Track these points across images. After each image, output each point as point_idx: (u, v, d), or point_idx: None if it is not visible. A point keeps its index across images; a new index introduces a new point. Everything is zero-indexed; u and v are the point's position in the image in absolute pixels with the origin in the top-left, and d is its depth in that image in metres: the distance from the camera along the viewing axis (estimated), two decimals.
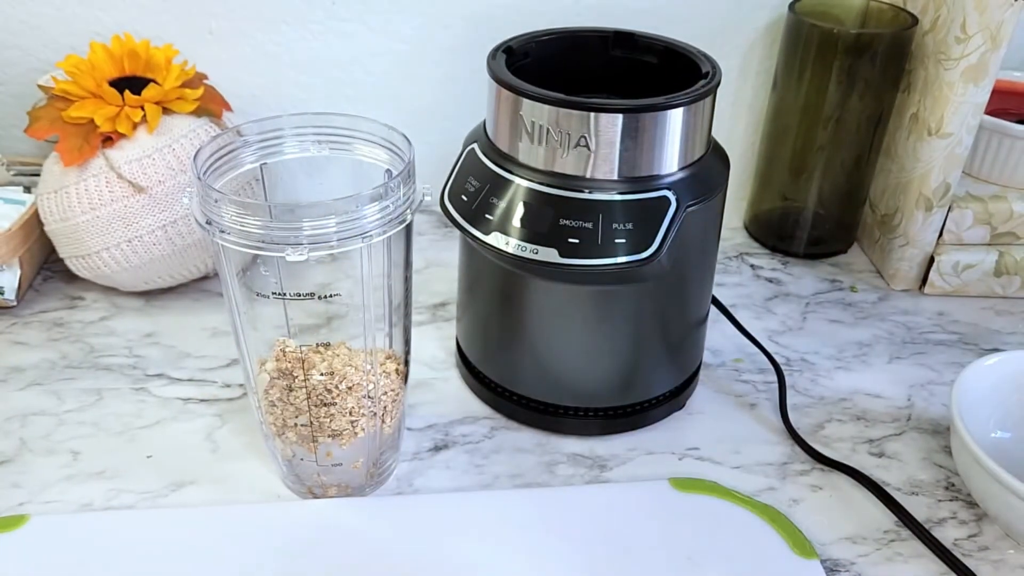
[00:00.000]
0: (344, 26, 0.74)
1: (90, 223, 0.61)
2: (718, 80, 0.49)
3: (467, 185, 0.51)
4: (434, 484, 0.53)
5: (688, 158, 0.49)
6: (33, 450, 0.54)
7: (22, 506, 0.50)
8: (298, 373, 0.46)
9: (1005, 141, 0.70)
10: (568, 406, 0.56)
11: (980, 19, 0.61)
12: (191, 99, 0.64)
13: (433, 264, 0.74)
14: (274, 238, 0.40)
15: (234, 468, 0.53)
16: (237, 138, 0.46)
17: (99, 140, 0.62)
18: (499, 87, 0.49)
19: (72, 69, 0.62)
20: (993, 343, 0.67)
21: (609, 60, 0.56)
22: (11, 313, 0.66)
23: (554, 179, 0.48)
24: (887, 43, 0.67)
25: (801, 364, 0.64)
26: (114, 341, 0.64)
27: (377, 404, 0.48)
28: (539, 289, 0.52)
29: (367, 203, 0.41)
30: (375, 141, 0.47)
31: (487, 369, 0.58)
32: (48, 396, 0.58)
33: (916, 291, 0.73)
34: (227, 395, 0.59)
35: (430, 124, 0.79)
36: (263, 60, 0.75)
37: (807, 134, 0.72)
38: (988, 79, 0.63)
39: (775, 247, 0.78)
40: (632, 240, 0.47)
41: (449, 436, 0.56)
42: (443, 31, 0.75)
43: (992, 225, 0.69)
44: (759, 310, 0.70)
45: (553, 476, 0.54)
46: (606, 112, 0.46)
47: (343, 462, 0.49)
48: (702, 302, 0.57)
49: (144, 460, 0.54)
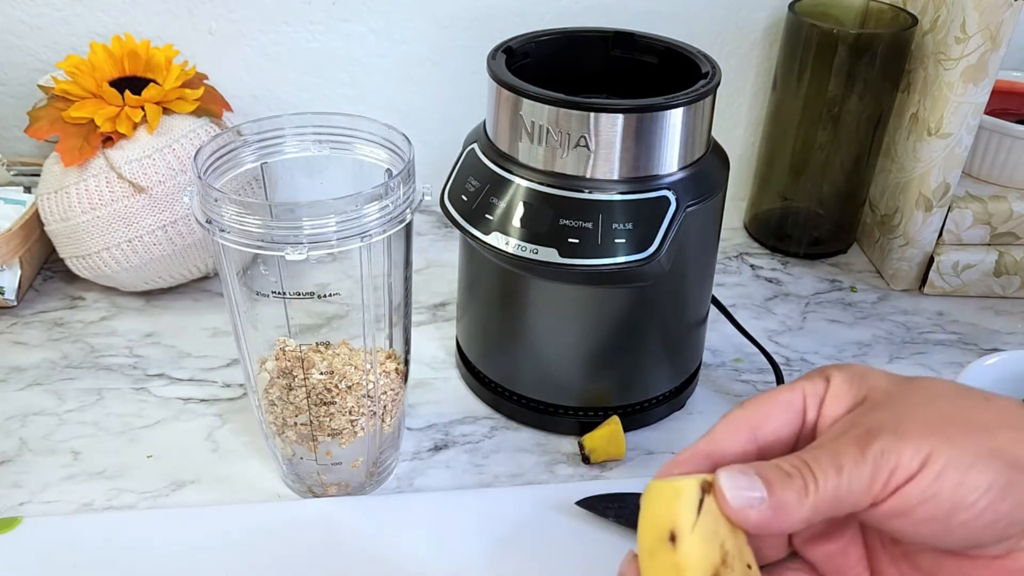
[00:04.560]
0: (344, 26, 0.74)
1: (90, 223, 0.61)
2: (718, 80, 0.49)
3: (467, 185, 0.51)
4: (434, 483, 0.53)
5: (688, 158, 0.49)
6: (33, 450, 0.54)
7: (22, 506, 0.50)
8: (298, 372, 0.46)
9: (1005, 141, 0.70)
10: (568, 406, 0.56)
11: (980, 19, 0.61)
12: (191, 99, 0.65)
13: (433, 264, 0.74)
14: (274, 237, 0.40)
15: (234, 468, 0.53)
16: (237, 138, 0.46)
17: (99, 140, 0.62)
18: (499, 87, 0.49)
19: (72, 69, 0.62)
20: (993, 343, 0.67)
21: (609, 60, 0.56)
22: (11, 313, 0.66)
23: (554, 179, 0.48)
24: (887, 43, 0.67)
25: (801, 364, 0.64)
26: (114, 341, 0.64)
27: (377, 403, 0.48)
28: (539, 289, 0.52)
29: (367, 203, 0.41)
30: (375, 141, 0.47)
31: (487, 369, 0.58)
32: (48, 396, 0.58)
33: (916, 291, 0.73)
34: (227, 395, 0.59)
35: (430, 124, 0.79)
36: (263, 60, 0.75)
37: (807, 134, 0.72)
38: (988, 79, 0.63)
39: (775, 247, 0.78)
40: (632, 240, 0.47)
41: (449, 436, 0.56)
42: (443, 31, 0.75)
43: (992, 225, 0.69)
44: (759, 310, 0.70)
45: (553, 476, 0.54)
46: (606, 112, 0.46)
47: (343, 461, 0.49)
48: (702, 302, 0.57)
49: (144, 460, 0.54)
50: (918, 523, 0.28)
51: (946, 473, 0.27)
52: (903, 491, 0.28)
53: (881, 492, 0.28)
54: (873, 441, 0.28)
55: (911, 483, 0.28)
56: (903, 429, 0.28)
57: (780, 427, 0.32)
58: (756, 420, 0.32)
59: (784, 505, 0.28)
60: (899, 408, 0.30)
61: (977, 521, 0.28)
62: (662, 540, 0.28)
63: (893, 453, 0.28)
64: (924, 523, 0.28)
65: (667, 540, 0.27)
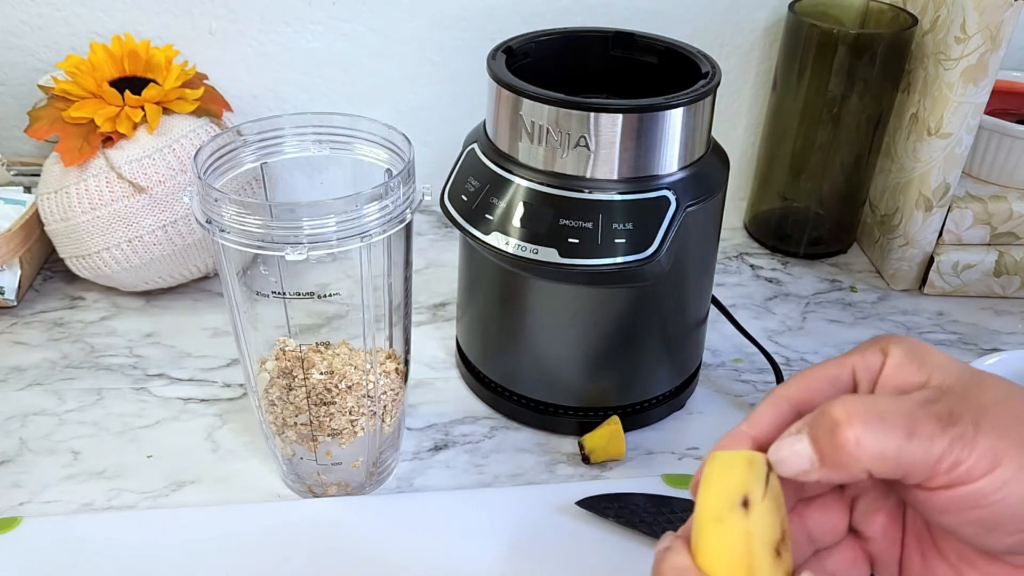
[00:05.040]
0: (344, 26, 0.74)
1: (90, 223, 0.61)
2: (718, 80, 0.49)
3: (467, 185, 0.51)
4: (434, 483, 0.53)
5: (688, 158, 0.49)
6: (33, 450, 0.54)
7: (22, 506, 0.50)
8: (298, 372, 0.46)
9: (1005, 141, 0.70)
10: (568, 406, 0.56)
11: (980, 19, 0.61)
12: (191, 99, 0.65)
13: (433, 264, 0.74)
14: (274, 237, 0.41)
15: (234, 468, 0.53)
16: (237, 138, 0.46)
17: (99, 140, 0.62)
18: (499, 87, 0.49)
19: (72, 69, 0.62)
20: (993, 343, 0.67)
21: (609, 60, 0.56)
22: (11, 313, 0.66)
23: (554, 179, 0.48)
24: (887, 43, 0.67)
25: (801, 364, 0.64)
26: (114, 341, 0.64)
27: (377, 403, 0.48)
28: (539, 289, 0.52)
29: (367, 203, 0.41)
30: (375, 141, 0.47)
31: (487, 369, 0.58)
32: (48, 396, 0.58)
33: (916, 291, 0.73)
34: (227, 395, 0.59)
35: (430, 124, 0.79)
36: (263, 60, 0.75)
37: (807, 134, 0.72)
38: (988, 79, 0.63)
39: (775, 247, 0.78)
40: (632, 240, 0.47)
41: (449, 436, 0.56)
42: (443, 31, 0.75)
43: (992, 225, 0.69)
44: (759, 310, 0.70)
45: (553, 476, 0.54)
46: (606, 112, 0.46)
47: (343, 461, 0.49)
48: (702, 302, 0.57)
49: (144, 460, 0.54)
50: (967, 523, 0.27)
51: (1013, 482, 0.26)
52: (964, 489, 0.26)
53: (940, 479, 0.26)
54: (955, 424, 0.26)
55: (975, 483, 0.26)
56: (981, 423, 0.26)
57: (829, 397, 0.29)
58: (800, 398, 0.30)
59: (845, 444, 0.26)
60: (974, 399, 0.28)
61: None
62: (733, 506, 0.27)
63: (968, 445, 0.26)
64: (973, 524, 0.27)
65: (739, 506, 0.27)
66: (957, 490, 0.26)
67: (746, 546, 0.27)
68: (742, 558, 0.27)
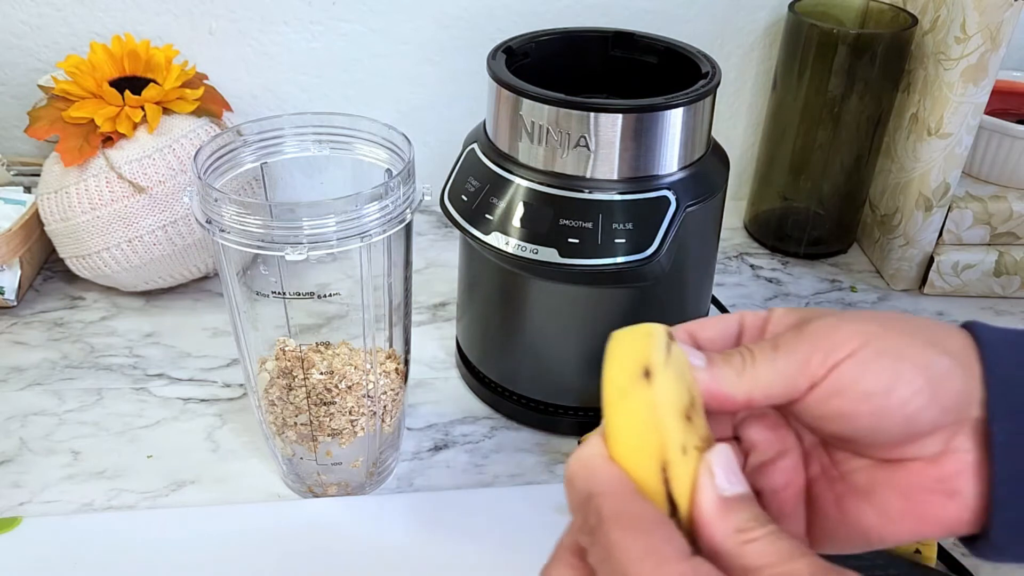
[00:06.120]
0: (344, 26, 0.74)
1: (90, 223, 0.61)
2: (718, 80, 0.49)
3: (467, 185, 0.51)
4: (434, 483, 0.53)
5: (688, 158, 0.49)
6: (33, 450, 0.54)
7: (22, 506, 0.50)
8: (298, 372, 0.46)
9: (1005, 141, 0.70)
10: (568, 406, 0.56)
11: (980, 19, 0.61)
12: (191, 99, 0.65)
13: (433, 264, 0.74)
14: (274, 237, 0.41)
15: (234, 468, 0.53)
16: (237, 138, 0.46)
17: (99, 140, 0.62)
18: (499, 87, 0.49)
19: (72, 69, 0.62)
20: None
21: (609, 60, 0.56)
22: (11, 313, 0.66)
23: (554, 179, 0.48)
24: (887, 43, 0.67)
25: None
26: (114, 341, 0.64)
27: (377, 403, 0.48)
28: (539, 289, 0.52)
29: (367, 203, 0.41)
30: (375, 141, 0.47)
31: (487, 369, 0.58)
32: (48, 396, 0.58)
33: (916, 291, 0.73)
34: (227, 395, 0.59)
35: (430, 124, 0.79)
36: (263, 60, 0.75)
37: (807, 134, 0.72)
38: (988, 79, 0.63)
39: (775, 247, 0.78)
40: (632, 240, 0.47)
41: (449, 436, 0.56)
42: (443, 31, 0.75)
43: (992, 225, 0.69)
44: (759, 310, 0.70)
45: (553, 476, 0.54)
46: (606, 112, 0.46)
47: (343, 461, 0.49)
48: (702, 302, 0.57)
49: (144, 460, 0.54)
50: (856, 402, 0.28)
51: (885, 352, 0.28)
52: (841, 367, 0.28)
53: (818, 370, 0.28)
54: (810, 323, 0.29)
55: (849, 359, 0.28)
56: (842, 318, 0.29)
57: (715, 337, 0.32)
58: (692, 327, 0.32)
59: (722, 378, 0.29)
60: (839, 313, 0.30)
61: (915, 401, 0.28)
62: (635, 377, 0.27)
63: (830, 333, 0.28)
64: (862, 402, 0.28)
65: (641, 377, 0.27)
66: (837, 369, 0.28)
67: (653, 415, 0.26)
68: (650, 428, 0.26)
